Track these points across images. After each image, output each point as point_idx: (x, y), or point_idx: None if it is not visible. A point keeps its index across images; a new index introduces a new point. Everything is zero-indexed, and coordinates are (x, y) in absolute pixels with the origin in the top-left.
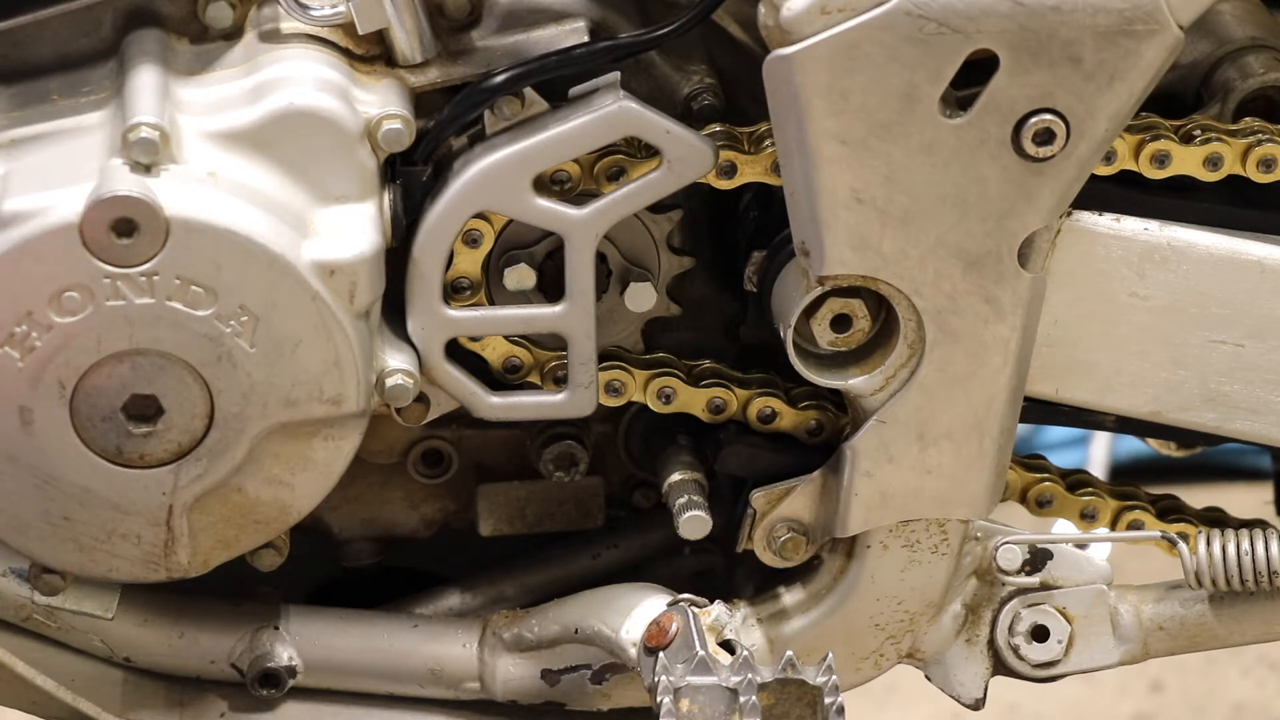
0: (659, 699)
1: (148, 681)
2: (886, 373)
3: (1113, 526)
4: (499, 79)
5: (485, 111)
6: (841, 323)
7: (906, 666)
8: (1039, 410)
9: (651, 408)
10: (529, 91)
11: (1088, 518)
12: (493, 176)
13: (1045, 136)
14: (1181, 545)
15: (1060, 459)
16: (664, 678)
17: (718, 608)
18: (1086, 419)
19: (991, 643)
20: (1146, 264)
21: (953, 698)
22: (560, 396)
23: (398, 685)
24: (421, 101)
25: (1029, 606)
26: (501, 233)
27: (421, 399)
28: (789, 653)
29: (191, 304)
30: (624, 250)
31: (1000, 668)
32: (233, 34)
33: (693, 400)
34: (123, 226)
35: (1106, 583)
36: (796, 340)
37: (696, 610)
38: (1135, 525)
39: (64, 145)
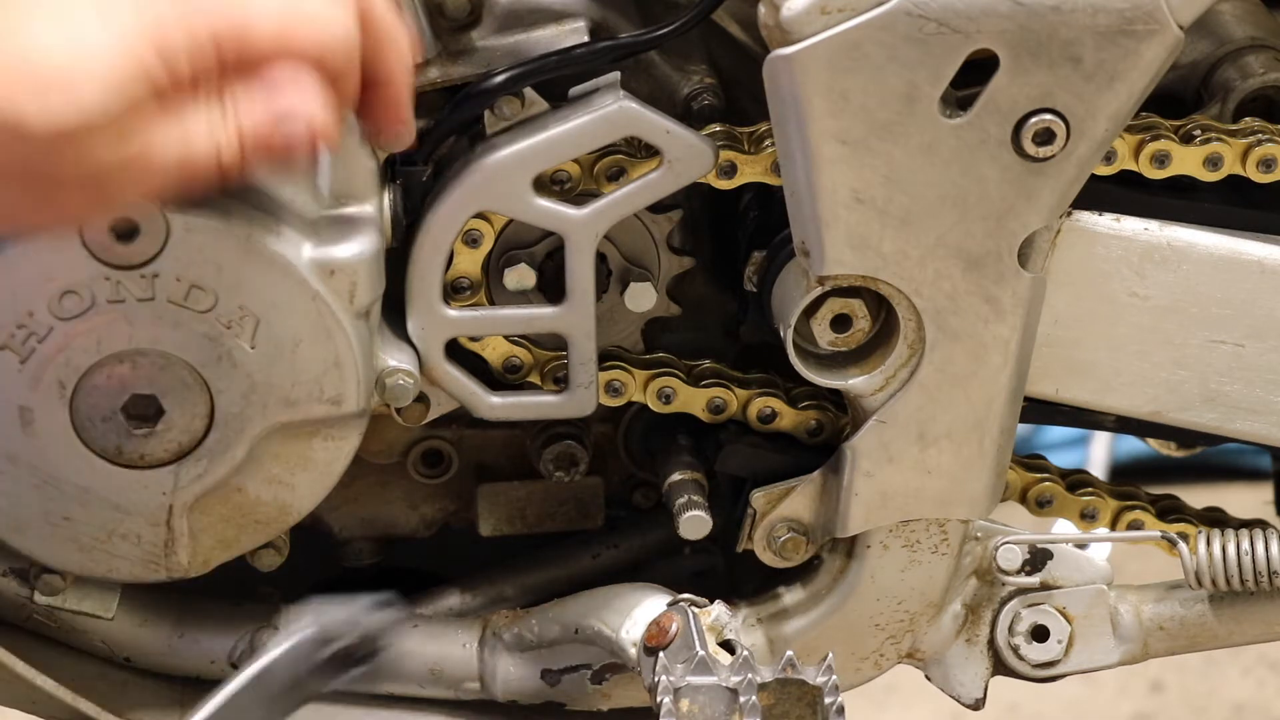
0: (659, 699)
1: (148, 681)
2: (886, 373)
3: (1113, 526)
4: (499, 79)
5: (485, 111)
6: (841, 323)
7: (906, 666)
8: (1039, 410)
9: (651, 408)
10: (529, 91)
11: (1088, 518)
12: (493, 176)
13: (1045, 136)
14: (1181, 545)
15: (1060, 459)
16: (664, 678)
17: (718, 608)
18: (1086, 419)
19: (991, 643)
20: (1146, 264)
21: (953, 698)
22: (560, 396)
23: (398, 685)
24: (421, 101)
25: (1029, 606)
26: (501, 233)
27: (421, 399)
28: (789, 653)
29: (192, 304)
30: (624, 250)
31: (1000, 668)
32: None
33: (693, 400)
34: (123, 227)
35: (1106, 583)
36: (796, 340)
37: (696, 610)
38: (1135, 525)
39: None
